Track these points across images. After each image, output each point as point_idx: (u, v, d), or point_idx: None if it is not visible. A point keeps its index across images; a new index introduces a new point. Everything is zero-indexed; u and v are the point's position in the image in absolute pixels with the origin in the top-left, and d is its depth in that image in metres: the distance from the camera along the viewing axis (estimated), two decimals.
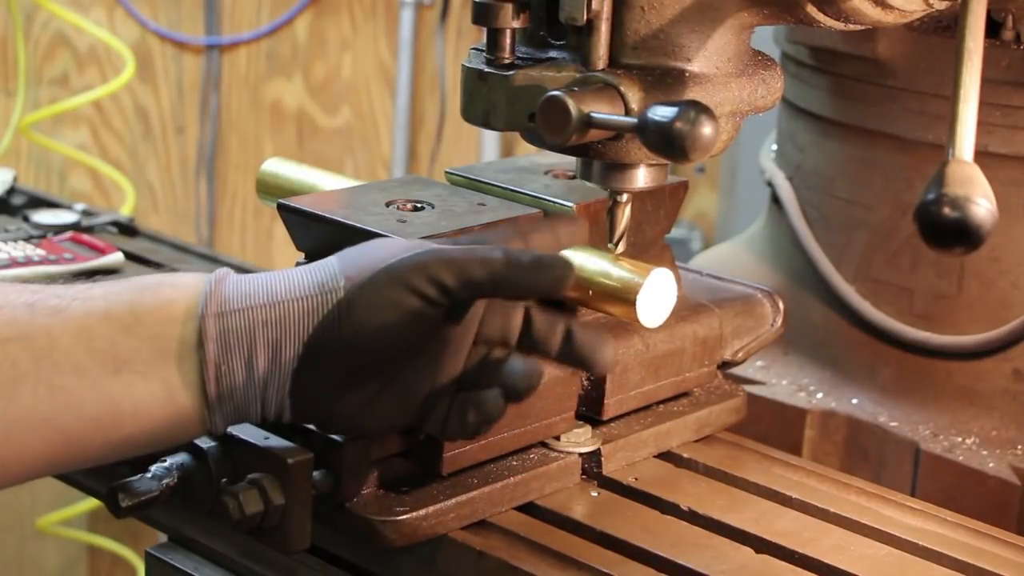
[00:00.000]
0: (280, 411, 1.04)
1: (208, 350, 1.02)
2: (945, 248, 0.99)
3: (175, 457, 1.08)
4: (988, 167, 1.01)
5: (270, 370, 1.03)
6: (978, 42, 1.03)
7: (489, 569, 1.09)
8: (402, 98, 3.37)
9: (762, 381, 1.52)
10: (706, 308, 1.30)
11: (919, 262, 1.43)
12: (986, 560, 1.13)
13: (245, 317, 1.02)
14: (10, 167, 1.87)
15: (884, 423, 1.45)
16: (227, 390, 1.02)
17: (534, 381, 1.06)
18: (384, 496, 1.10)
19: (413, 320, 1.03)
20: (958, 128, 1.02)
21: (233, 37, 3.45)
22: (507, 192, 1.27)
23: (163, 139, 3.48)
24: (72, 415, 1.00)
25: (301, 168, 1.35)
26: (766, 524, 1.15)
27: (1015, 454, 1.38)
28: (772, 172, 1.59)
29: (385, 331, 1.03)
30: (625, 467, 1.23)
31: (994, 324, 1.40)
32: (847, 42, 1.42)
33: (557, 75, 1.10)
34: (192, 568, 1.24)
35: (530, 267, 1.04)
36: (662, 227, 1.30)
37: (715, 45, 1.10)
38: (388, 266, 1.04)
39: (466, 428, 1.06)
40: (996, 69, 1.33)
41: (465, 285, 1.03)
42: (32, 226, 1.67)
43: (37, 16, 3.31)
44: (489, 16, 1.11)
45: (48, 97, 3.35)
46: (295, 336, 1.03)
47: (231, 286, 1.04)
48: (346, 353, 1.03)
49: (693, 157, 0.98)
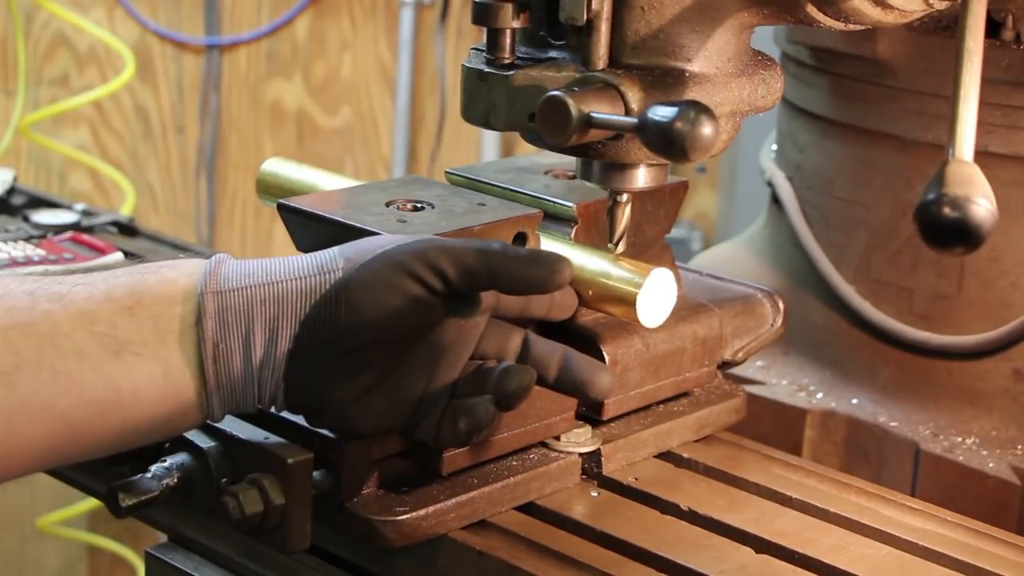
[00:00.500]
0: (274, 396, 1.05)
1: (206, 328, 1.02)
2: (945, 248, 0.99)
3: (175, 457, 1.08)
4: (988, 167, 1.01)
5: (267, 351, 1.03)
6: (978, 42, 1.03)
7: (489, 569, 1.09)
8: (402, 98, 3.38)
9: (762, 381, 1.52)
10: (706, 308, 1.30)
11: (919, 262, 1.43)
12: (986, 560, 1.13)
13: (243, 296, 1.03)
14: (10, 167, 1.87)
15: (884, 423, 1.45)
16: (224, 370, 1.03)
17: (525, 388, 1.06)
18: (384, 496, 1.10)
19: (410, 306, 1.03)
20: (958, 128, 1.02)
21: (233, 37, 3.45)
22: (507, 192, 1.27)
23: (163, 139, 3.48)
24: (73, 399, 1.00)
25: (301, 168, 1.35)
26: (766, 524, 1.15)
27: (1015, 454, 1.38)
28: (772, 172, 1.59)
29: (382, 314, 1.03)
30: (625, 467, 1.23)
31: (994, 324, 1.40)
32: (847, 42, 1.42)
33: (557, 75, 1.10)
34: (192, 568, 1.24)
35: (528, 260, 1.05)
36: (662, 227, 1.30)
37: (715, 45, 1.10)
38: (387, 251, 1.05)
39: (458, 435, 1.07)
40: (996, 69, 1.33)
41: (463, 274, 1.03)
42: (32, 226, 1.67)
43: (37, 16, 3.31)
44: (489, 16, 1.11)
45: (48, 97, 3.35)
46: (292, 316, 1.03)
47: (230, 267, 1.05)
48: (342, 335, 1.03)
49: (693, 157, 0.98)
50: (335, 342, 1.03)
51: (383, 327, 1.03)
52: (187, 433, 1.07)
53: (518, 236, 1.20)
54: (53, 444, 1.01)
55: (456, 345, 1.08)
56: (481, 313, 1.08)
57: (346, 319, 1.03)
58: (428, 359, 1.07)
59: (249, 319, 1.03)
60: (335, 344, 1.03)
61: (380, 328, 1.03)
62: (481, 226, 1.18)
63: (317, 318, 1.03)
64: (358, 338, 1.03)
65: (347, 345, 1.03)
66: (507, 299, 1.11)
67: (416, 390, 1.07)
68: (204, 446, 1.07)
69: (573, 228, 1.24)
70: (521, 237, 1.20)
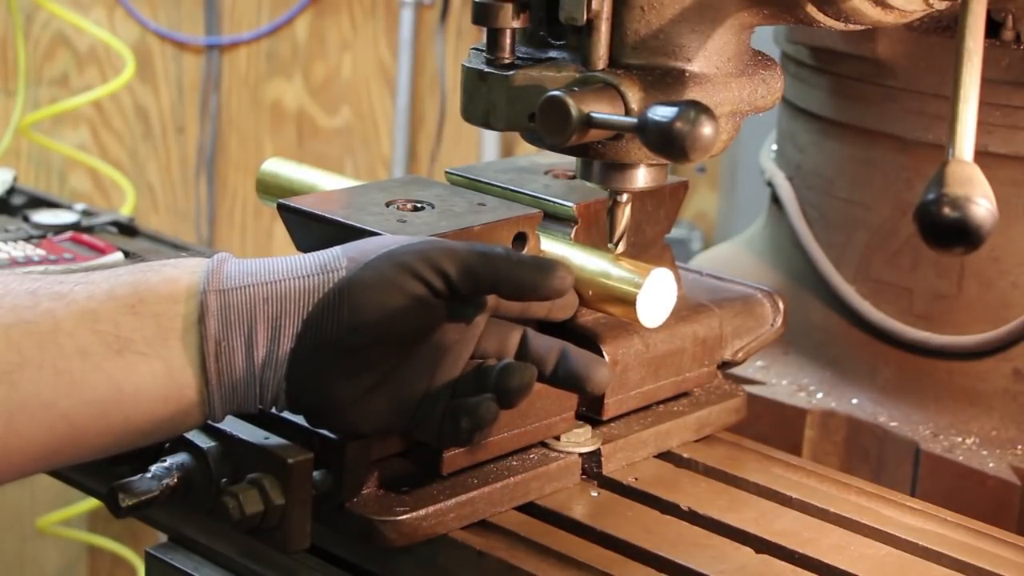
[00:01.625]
0: (276, 395, 1.05)
1: (208, 326, 1.02)
2: (945, 248, 0.99)
3: (175, 457, 1.08)
4: (988, 167, 1.01)
5: (269, 349, 1.03)
6: (978, 42, 1.03)
7: (489, 569, 1.09)
8: (402, 98, 3.38)
9: (762, 381, 1.52)
10: (706, 308, 1.30)
11: (919, 262, 1.44)
12: (986, 560, 1.13)
13: (246, 294, 1.03)
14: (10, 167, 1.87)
15: (884, 423, 1.45)
16: (226, 368, 1.02)
17: (526, 385, 1.06)
18: (384, 496, 1.10)
19: (412, 306, 1.03)
20: (958, 128, 1.02)
21: (233, 37, 3.45)
22: (507, 192, 1.27)
23: (163, 139, 3.48)
24: (75, 399, 1.00)
25: (301, 168, 1.35)
26: (766, 524, 1.15)
27: (1015, 454, 1.38)
28: (772, 172, 1.59)
29: (384, 313, 1.03)
30: (625, 467, 1.23)
31: (994, 324, 1.40)
32: (847, 42, 1.42)
33: (557, 75, 1.10)
34: (192, 568, 1.24)
35: (531, 266, 1.05)
36: (662, 227, 1.30)
37: (715, 45, 1.10)
38: (390, 251, 1.05)
39: (459, 434, 1.07)
40: (996, 69, 1.33)
41: (466, 276, 1.03)
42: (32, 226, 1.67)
43: (37, 16, 3.31)
44: (489, 16, 1.11)
45: (48, 97, 3.35)
46: (295, 314, 1.03)
47: (233, 266, 1.05)
48: (344, 335, 1.03)
49: (693, 157, 0.98)
50: (337, 342, 1.03)
51: (385, 327, 1.03)
52: (187, 433, 1.07)
53: (518, 236, 1.20)
54: (54, 443, 1.01)
55: (457, 345, 1.08)
56: (482, 315, 1.08)
57: (348, 319, 1.03)
58: (429, 359, 1.07)
59: (252, 318, 1.03)
60: (337, 344, 1.03)
61: (382, 328, 1.03)
62: (481, 226, 1.18)
63: (319, 317, 1.03)
64: (360, 338, 1.03)
65: (349, 345, 1.03)
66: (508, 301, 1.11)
67: (417, 390, 1.07)
68: (204, 446, 1.07)
69: (573, 228, 1.24)
70: (521, 237, 1.20)
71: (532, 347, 1.12)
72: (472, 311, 1.07)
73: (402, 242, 1.06)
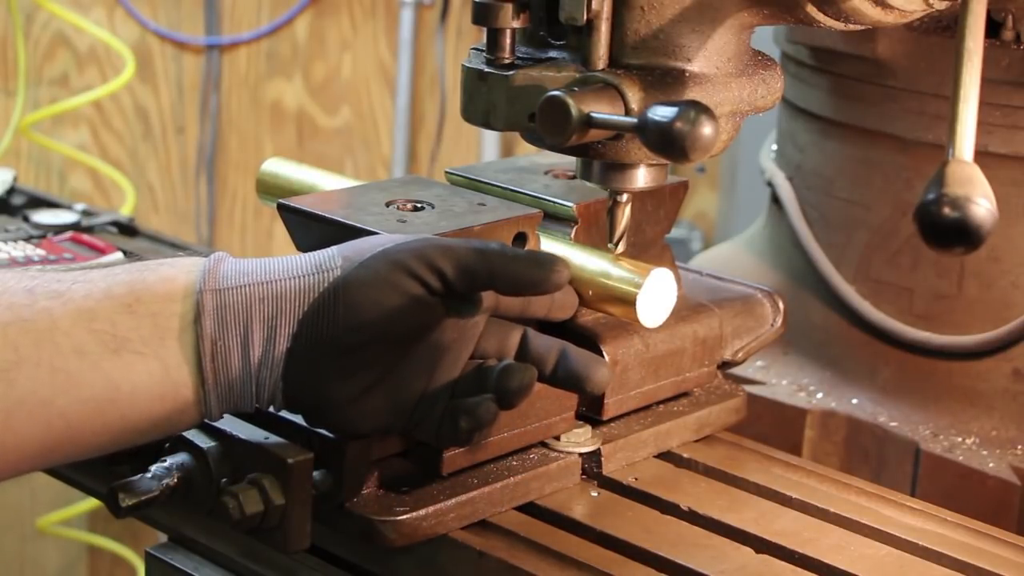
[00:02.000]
0: (273, 395, 1.05)
1: (204, 325, 1.02)
2: (945, 248, 0.99)
3: (175, 457, 1.08)
4: (988, 167, 1.01)
5: (265, 349, 1.03)
6: (978, 42, 1.03)
7: (489, 569, 1.09)
8: (402, 98, 3.38)
9: (762, 381, 1.52)
10: (706, 308, 1.30)
11: (919, 262, 1.44)
12: (986, 560, 1.13)
13: (242, 294, 1.03)
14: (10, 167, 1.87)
15: (884, 423, 1.45)
16: (222, 368, 1.02)
17: (526, 386, 1.06)
18: (384, 496, 1.10)
19: (408, 305, 1.03)
20: (958, 128, 1.02)
21: (233, 37, 3.45)
22: (507, 192, 1.27)
23: (163, 139, 3.48)
24: (71, 397, 1.00)
25: (301, 168, 1.35)
26: (766, 524, 1.15)
27: (1015, 454, 1.38)
28: (772, 172, 1.59)
29: (380, 313, 1.03)
30: (625, 467, 1.23)
31: (994, 324, 1.40)
32: (847, 42, 1.42)
33: (557, 75, 1.10)
34: (192, 568, 1.24)
35: (527, 262, 1.05)
36: (662, 227, 1.30)
37: (715, 45, 1.10)
38: (385, 250, 1.05)
39: (459, 435, 1.07)
40: (996, 69, 1.33)
41: (462, 273, 1.03)
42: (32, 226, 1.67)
43: (37, 16, 3.31)
44: (489, 16, 1.11)
45: (48, 97, 3.35)
46: (291, 314, 1.03)
47: (229, 265, 1.05)
48: (340, 334, 1.03)
49: (693, 157, 0.98)
50: (334, 341, 1.03)
51: (381, 326, 1.03)
52: (187, 433, 1.07)
53: (518, 236, 1.20)
54: (51, 442, 1.01)
55: (456, 345, 1.08)
56: (481, 313, 1.08)
57: (344, 318, 1.03)
58: (428, 358, 1.07)
59: (247, 317, 1.03)
60: (334, 343, 1.03)
61: (378, 327, 1.03)
62: (481, 226, 1.18)
63: (315, 317, 1.03)
64: (356, 337, 1.03)
65: (346, 344, 1.03)
66: (507, 300, 1.11)
67: (416, 390, 1.07)
68: (204, 446, 1.07)
69: (573, 228, 1.24)
70: (521, 237, 1.20)
71: (532, 347, 1.12)
72: (470, 308, 1.07)
73: (398, 241, 1.06)
